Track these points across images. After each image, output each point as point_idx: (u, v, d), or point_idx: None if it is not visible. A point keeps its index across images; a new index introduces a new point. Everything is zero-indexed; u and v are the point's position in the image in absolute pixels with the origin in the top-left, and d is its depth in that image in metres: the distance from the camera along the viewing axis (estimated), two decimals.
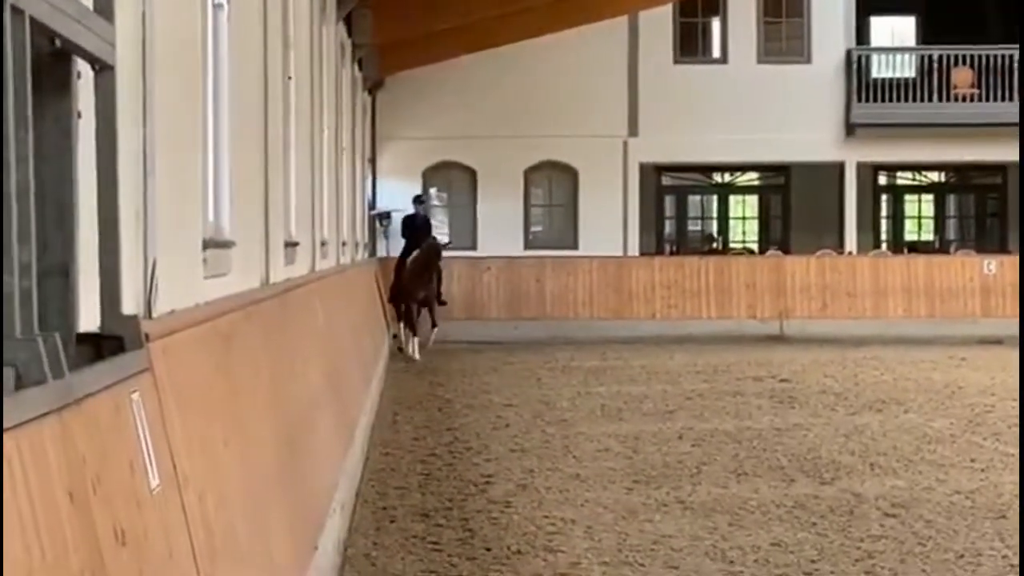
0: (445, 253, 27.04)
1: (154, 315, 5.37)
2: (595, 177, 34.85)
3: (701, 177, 38.52)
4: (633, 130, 34.86)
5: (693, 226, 39.18)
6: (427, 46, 30.18)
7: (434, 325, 27.01)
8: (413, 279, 26.15)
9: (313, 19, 16.24)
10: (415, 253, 26.37)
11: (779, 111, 34.57)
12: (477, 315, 30.00)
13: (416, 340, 26.05)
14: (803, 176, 36.51)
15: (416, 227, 27.54)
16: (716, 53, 35.61)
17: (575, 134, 34.34)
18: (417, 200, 29.04)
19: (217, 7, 8.84)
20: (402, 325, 26.85)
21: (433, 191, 34.81)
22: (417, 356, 25.82)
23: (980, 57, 35.27)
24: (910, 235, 39.57)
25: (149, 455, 4.24)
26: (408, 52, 30.09)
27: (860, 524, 10.93)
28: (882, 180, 38.68)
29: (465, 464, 13.98)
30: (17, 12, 3.27)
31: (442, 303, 27.33)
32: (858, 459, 14.16)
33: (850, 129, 35.07)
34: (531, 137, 34.37)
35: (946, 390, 20.58)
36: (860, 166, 35.46)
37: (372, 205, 32.65)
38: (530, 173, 35.22)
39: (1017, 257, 33.38)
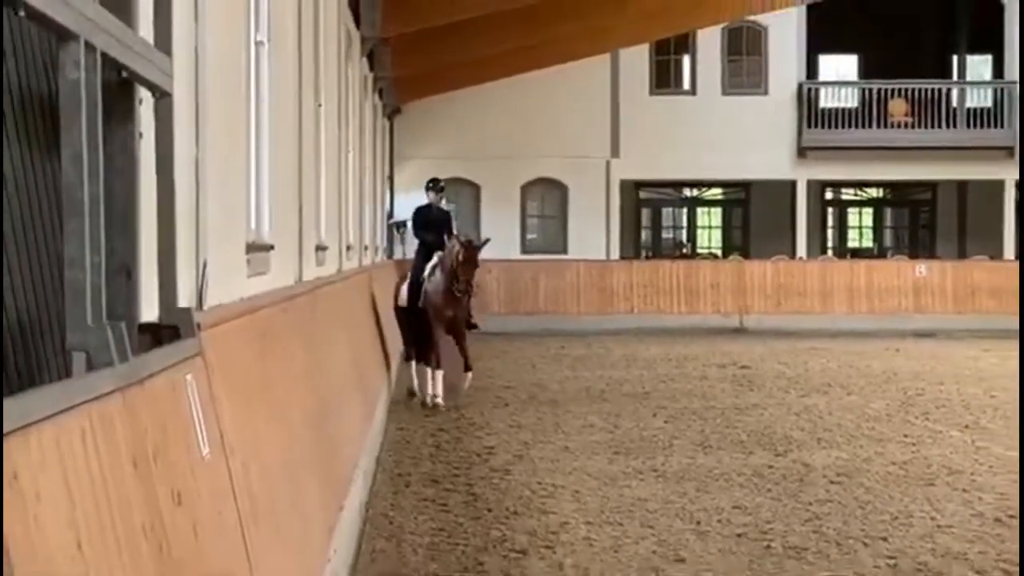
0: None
1: (205, 308, 5.37)
2: (582, 192, 34.86)
3: (673, 192, 38.57)
4: (615, 151, 34.86)
5: (666, 234, 39.23)
6: (438, 78, 30.22)
7: (467, 368, 16.71)
8: (439, 294, 16.32)
9: (340, 55, 16.25)
10: (438, 257, 16.61)
11: (740, 136, 34.59)
12: (481, 311, 29.84)
13: (441, 373, 16.39)
14: (761, 192, 36.57)
15: (433, 221, 17.17)
16: (686, 86, 35.61)
17: (565, 155, 34.37)
18: (433, 186, 17.56)
19: (259, 44, 8.84)
20: (413, 363, 17.40)
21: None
22: (441, 399, 16.24)
23: (913, 90, 35.29)
24: (853, 242, 39.64)
25: (201, 428, 4.25)
26: (422, 83, 30.12)
27: (809, 490, 10.93)
28: (829, 195, 38.76)
29: (470, 438, 13.97)
30: (90, 48, 3.29)
31: (472, 327, 16.98)
32: (807, 434, 14.16)
33: (801, 152, 35.08)
34: (527, 157, 34.40)
35: (883, 376, 20.59)
36: (810, 183, 35.46)
37: (390, 215, 32.65)
38: (526, 188, 35.21)
39: (945, 262, 33.51)
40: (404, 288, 17.08)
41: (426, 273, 16.71)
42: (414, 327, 17.02)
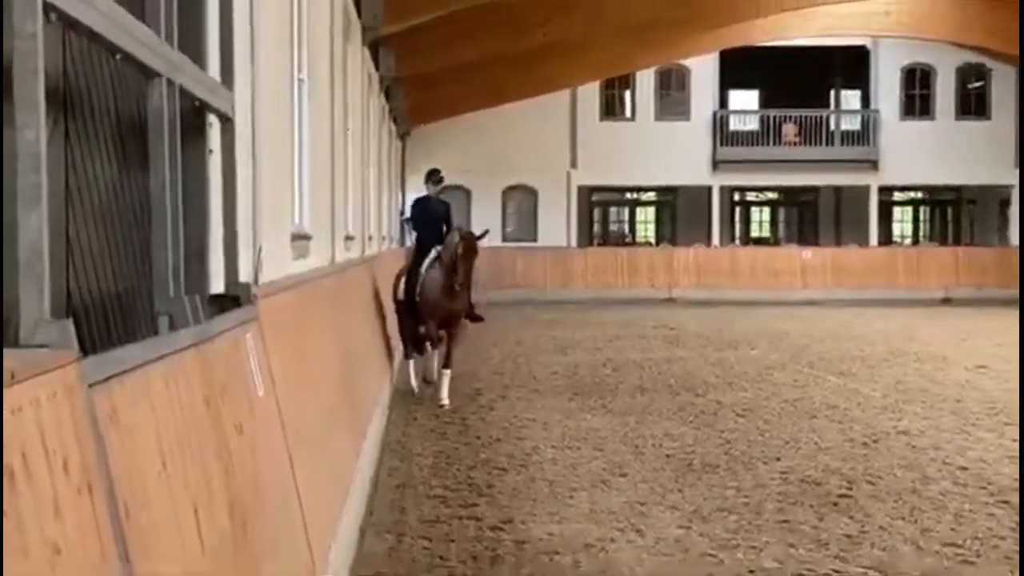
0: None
1: (260, 283, 5.37)
2: (549, 195, 34.83)
3: (618, 195, 38.54)
4: (574, 164, 34.81)
5: (612, 227, 39.20)
6: (440, 109, 30.20)
7: (447, 364, 12.17)
8: (436, 289, 12.08)
9: (363, 91, 16.19)
10: (436, 251, 12.38)
11: (669, 152, 34.60)
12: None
13: (435, 353, 12.80)
14: (685, 195, 36.55)
15: (430, 214, 12.77)
16: (628, 113, 35.56)
17: (536, 167, 34.34)
18: (432, 178, 13.05)
19: (301, 81, 8.80)
20: (412, 361, 13.00)
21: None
22: (434, 376, 12.62)
23: (800, 117, 35.40)
24: (755, 233, 39.70)
25: (256, 374, 4.25)
26: (427, 113, 30.07)
27: (721, 421, 10.99)
28: (736, 197, 38.76)
29: (463, 382, 13.97)
30: (171, 84, 3.29)
31: (477, 319, 12.74)
32: (720, 379, 14.22)
33: (715, 164, 35.08)
34: (507, 169, 34.35)
35: (778, 334, 20.66)
36: (722, 188, 35.49)
37: (402, 212, 32.56)
38: (506, 192, 35.14)
39: (825, 249, 33.63)
40: (403, 283, 12.77)
41: (423, 268, 12.38)
42: (412, 322, 12.70)
